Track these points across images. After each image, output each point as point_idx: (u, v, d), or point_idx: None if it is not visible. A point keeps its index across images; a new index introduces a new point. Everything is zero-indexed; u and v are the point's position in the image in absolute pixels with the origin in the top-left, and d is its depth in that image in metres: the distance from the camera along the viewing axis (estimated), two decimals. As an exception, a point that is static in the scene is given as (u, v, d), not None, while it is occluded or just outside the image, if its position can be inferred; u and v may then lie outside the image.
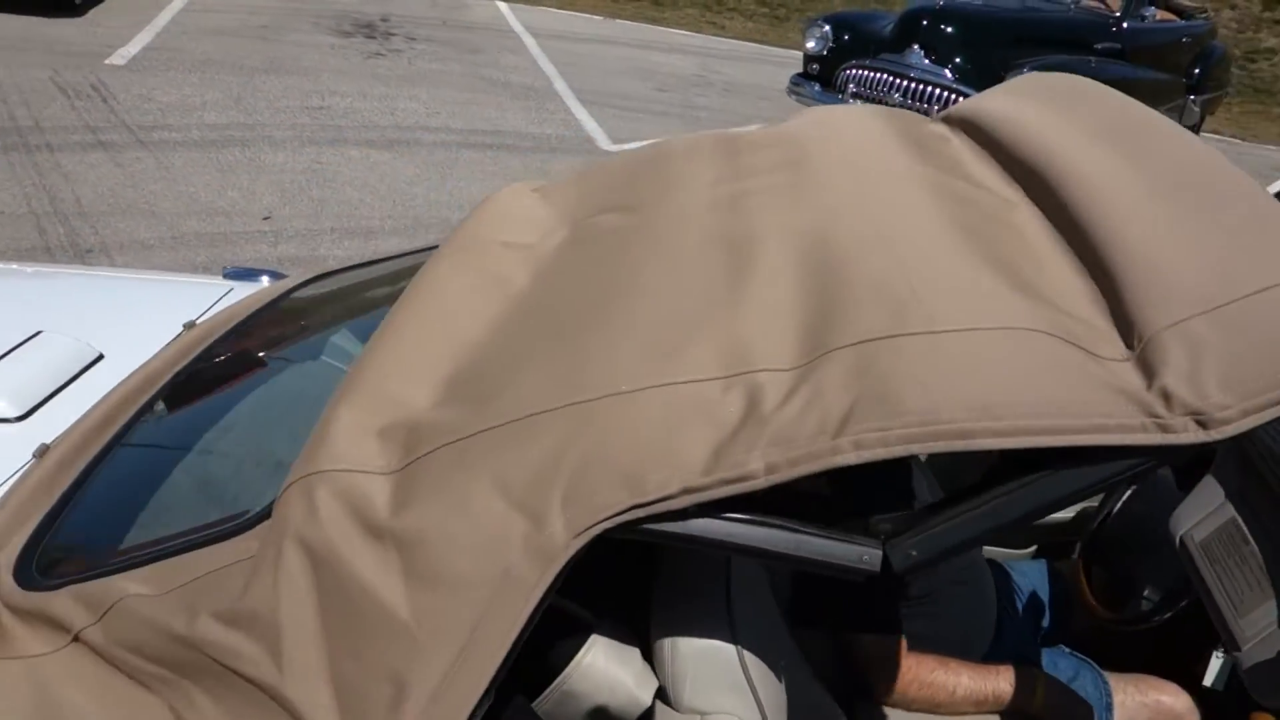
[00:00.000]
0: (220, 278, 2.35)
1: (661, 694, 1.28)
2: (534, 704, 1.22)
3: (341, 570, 1.08)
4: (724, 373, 1.11)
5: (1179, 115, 9.28)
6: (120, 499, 1.47)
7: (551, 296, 1.39)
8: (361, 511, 1.12)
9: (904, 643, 1.80)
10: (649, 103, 9.03)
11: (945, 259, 1.26)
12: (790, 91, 8.40)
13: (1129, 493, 2.20)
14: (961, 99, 7.21)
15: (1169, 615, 1.93)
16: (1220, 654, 1.95)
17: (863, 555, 1.09)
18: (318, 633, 1.07)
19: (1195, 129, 10.17)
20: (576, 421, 1.09)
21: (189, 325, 1.97)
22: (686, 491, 1.03)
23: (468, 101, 8.07)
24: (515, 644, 1.03)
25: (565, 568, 1.03)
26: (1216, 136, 10.80)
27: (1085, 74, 1.85)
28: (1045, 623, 2.27)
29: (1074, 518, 2.43)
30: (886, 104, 7.69)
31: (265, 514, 1.22)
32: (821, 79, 8.16)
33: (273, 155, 6.24)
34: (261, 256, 4.87)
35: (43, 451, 1.53)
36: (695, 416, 1.07)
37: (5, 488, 1.49)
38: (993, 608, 2.07)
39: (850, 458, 1.01)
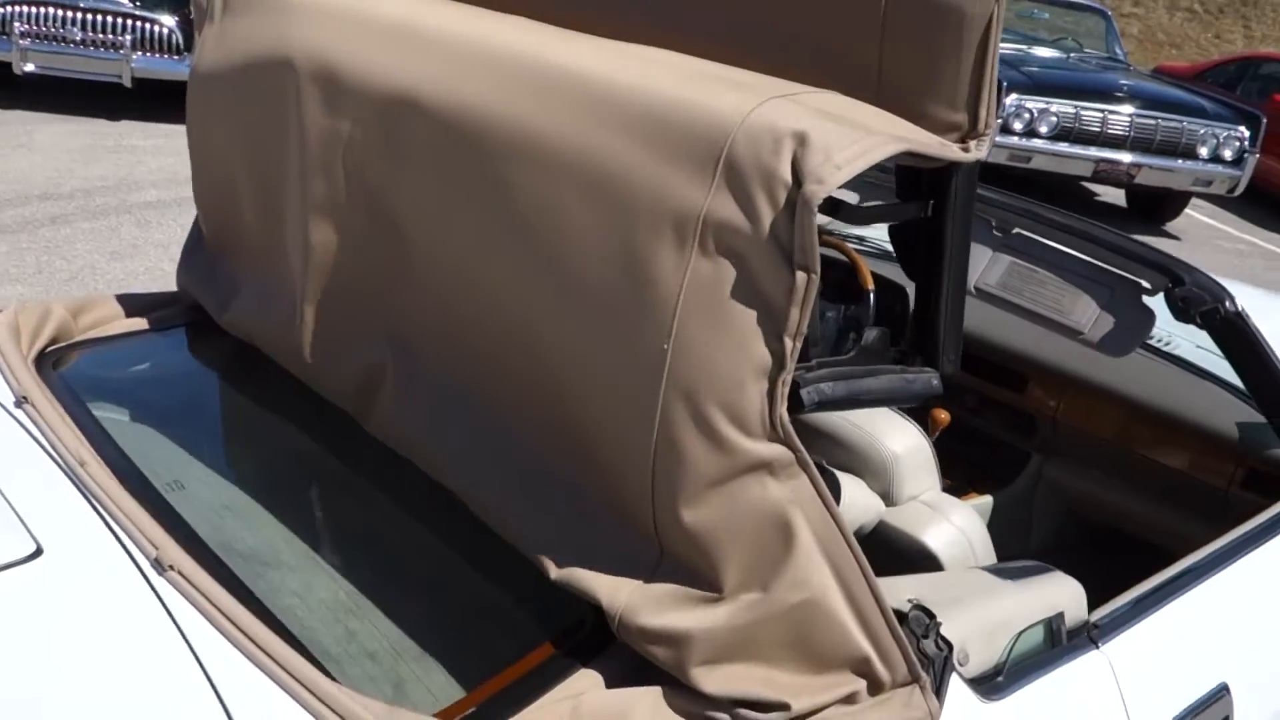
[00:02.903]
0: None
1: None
2: None
3: (743, 647, 1.13)
4: (691, 250, 1.09)
5: None
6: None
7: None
8: (684, 607, 1.14)
9: None
10: None
11: (685, 63, 1.27)
12: (-69, 40, 7.12)
13: None
14: (149, 24, 6.91)
15: None
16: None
17: (931, 380, 1.32)
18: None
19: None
20: (678, 398, 1.10)
21: (21, 401, 1.53)
22: (796, 334, 1.07)
23: None
24: (848, 533, 1.16)
25: (807, 454, 1.13)
26: None
27: None
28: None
29: None
30: (68, 41, 7.02)
31: (572, 637, 1.21)
32: (-29, 21, 7.06)
33: None
34: None
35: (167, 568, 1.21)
36: (731, 296, 1.08)
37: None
38: None
39: (821, 191, 1.02)
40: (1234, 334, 1.86)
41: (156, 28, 7.06)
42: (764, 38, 1.25)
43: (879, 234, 3.26)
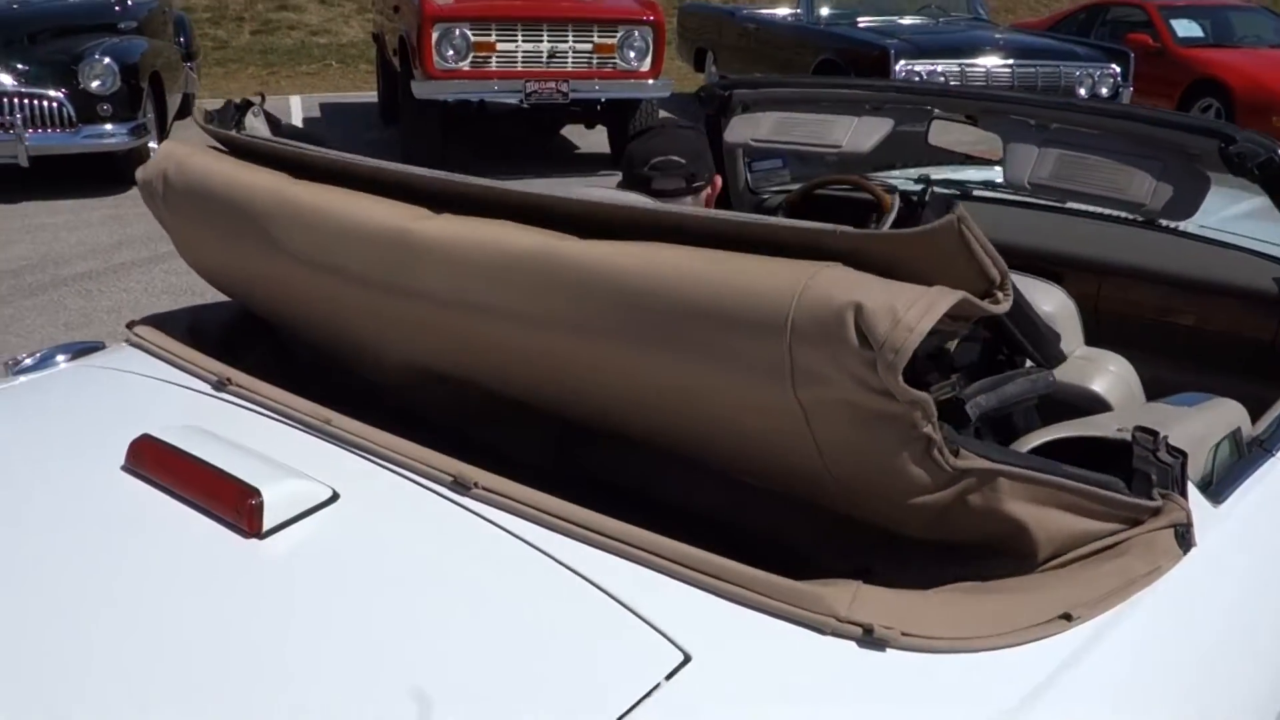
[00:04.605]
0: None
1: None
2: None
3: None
4: (801, 415, 1.11)
5: (184, 82, 9.66)
6: None
7: None
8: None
9: None
10: None
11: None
12: None
13: None
14: (38, 100, 6.67)
15: None
16: None
17: (1048, 378, 1.48)
18: None
19: (193, 98, 10.63)
20: (862, 506, 1.21)
21: (223, 384, 1.52)
22: (930, 420, 1.07)
23: None
24: (1052, 476, 1.19)
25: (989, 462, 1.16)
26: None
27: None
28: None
29: None
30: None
31: None
32: None
33: None
34: None
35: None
36: (861, 430, 1.10)
37: None
38: None
39: (900, 360, 1.01)
40: None
41: (46, 103, 6.84)
42: None
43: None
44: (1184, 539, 1.31)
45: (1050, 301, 1.76)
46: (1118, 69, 8.12)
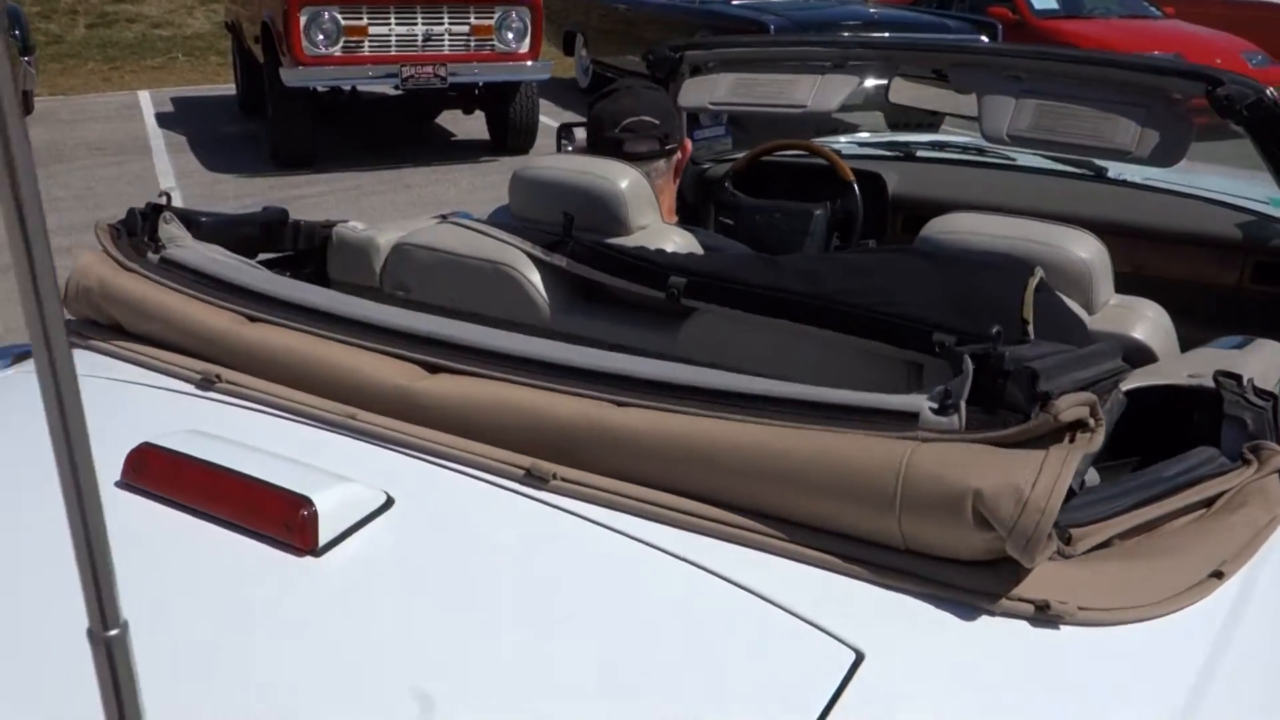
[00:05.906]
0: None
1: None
2: None
3: None
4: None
5: (23, 79, 9.00)
6: None
7: None
8: None
9: None
10: None
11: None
12: None
13: None
14: None
15: None
16: None
17: (1119, 395, 1.32)
18: None
19: (31, 95, 9.94)
20: None
21: (212, 381, 1.31)
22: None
23: None
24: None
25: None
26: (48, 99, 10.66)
27: None
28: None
29: None
30: None
31: None
32: None
33: None
34: None
35: None
36: None
37: None
38: None
39: (1037, 548, 0.92)
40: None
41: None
42: None
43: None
44: None
45: (1086, 248, 1.68)
46: (987, 40, 8.28)
